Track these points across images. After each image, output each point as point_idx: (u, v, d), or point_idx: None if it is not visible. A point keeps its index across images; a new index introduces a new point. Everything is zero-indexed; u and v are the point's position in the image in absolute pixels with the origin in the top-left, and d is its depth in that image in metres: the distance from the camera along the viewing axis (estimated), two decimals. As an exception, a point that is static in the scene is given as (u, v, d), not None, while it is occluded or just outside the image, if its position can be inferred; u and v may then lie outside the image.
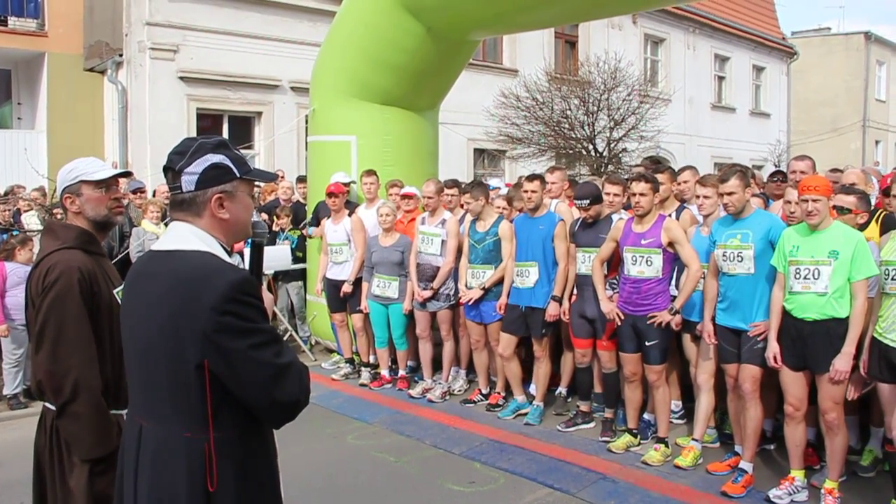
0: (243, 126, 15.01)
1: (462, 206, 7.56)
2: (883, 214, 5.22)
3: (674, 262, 5.39)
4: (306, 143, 12.63)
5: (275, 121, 14.91)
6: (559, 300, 6.18)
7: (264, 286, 2.42)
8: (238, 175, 2.17)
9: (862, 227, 4.98)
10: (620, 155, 14.91)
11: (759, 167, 28.35)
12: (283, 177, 13.09)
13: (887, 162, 36.59)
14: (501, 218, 6.74)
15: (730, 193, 4.92)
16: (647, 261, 5.35)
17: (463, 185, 7.46)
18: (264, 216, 9.91)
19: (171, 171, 2.14)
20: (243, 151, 11.61)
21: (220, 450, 1.99)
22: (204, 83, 13.93)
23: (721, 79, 26.96)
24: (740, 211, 4.97)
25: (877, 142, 35.77)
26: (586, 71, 16.19)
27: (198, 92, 13.94)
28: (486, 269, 6.63)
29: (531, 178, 6.48)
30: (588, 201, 5.87)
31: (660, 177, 5.90)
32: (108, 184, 2.96)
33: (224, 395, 1.99)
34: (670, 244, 5.29)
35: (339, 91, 8.42)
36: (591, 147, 14.65)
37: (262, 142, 14.80)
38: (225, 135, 14.74)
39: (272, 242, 9.09)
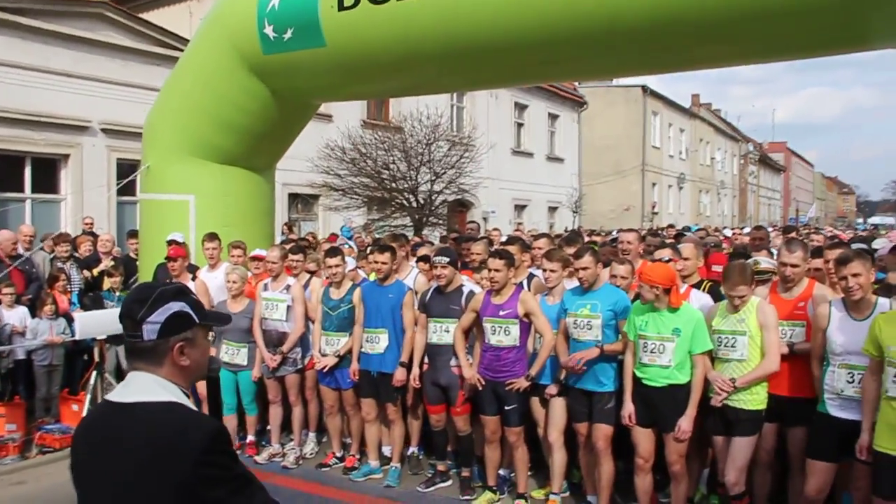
0: (48, 169, 14.03)
1: (308, 271, 7.63)
2: (709, 285, 5.95)
3: (529, 330, 5.83)
4: (117, 192, 12.10)
5: (83, 164, 14.10)
6: (406, 366, 6.42)
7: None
8: (197, 321, 2.20)
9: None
10: (439, 207, 15.53)
11: (555, 208, 30.44)
12: (91, 224, 12.44)
13: (662, 202, 40.45)
14: (356, 286, 6.89)
15: (584, 268, 5.46)
16: (505, 330, 5.75)
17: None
18: (85, 272, 9.40)
19: (131, 319, 2.12)
20: (48, 198, 10.94)
21: None
22: (4, 122, 12.93)
23: (520, 125, 28.76)
24: (592, 283, 5.52)
25: (653, 184, 39.51)
26: (402, 118, 16.75)
27: (-4, 132, 12.90)
28: (340, 336, 6.74)
29: (382, 249, 6.70)
30: (447, 259, 6.18)
31: (510, 248, 6.38)
32: None
33: None
34: (526, 315, 5.73)
35: (176, 148, 8.23)
36: (412, 198, 15.15)
37: (69, 187, 13.92)
38: (27, 179, 13.74)
39: (100, 304, 8.64)
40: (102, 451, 2.06)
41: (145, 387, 2.09)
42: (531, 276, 6.53)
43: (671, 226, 15.42)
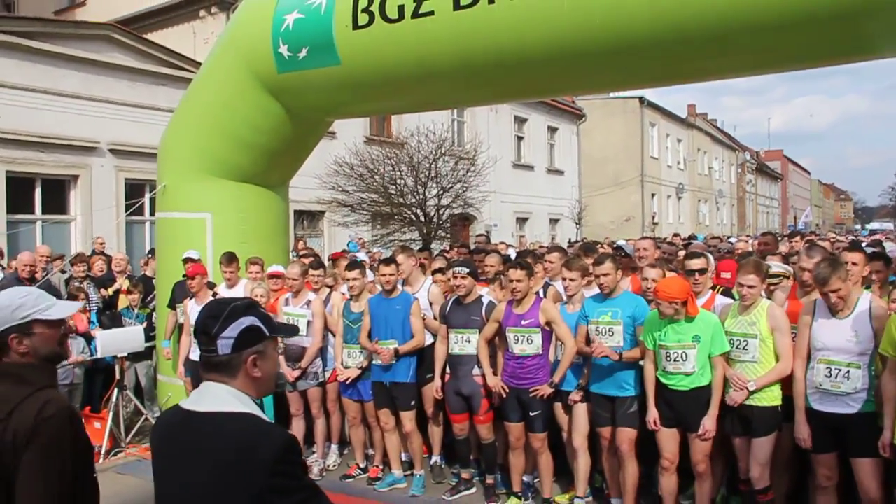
0: (57, 190, 14.18)
1: (328, 286, 7.75)
2: (721, 290, 6.10)
3: (551, 338, 5.95)
4: (126, 209, 12.20)
5: (93, 185, 14.23)
6: (398, 355, 6.52)
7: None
8: (268, 334, 2.28)
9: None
10: (446, 221, 15.70)
11: (556, 220, 30.58)
12: (102, 243, 12.57)
13: (662, 212, 40.60)
14: (377, 298, 7.01)
15: (605, 274, 5.60)
16: (527, 339, 5.87)
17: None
18: (102, 291, 9.51)
19: (206, 335, 2.22)
20: (58, 219, 11.13)
21: None
22: (14, 144, 13.09)
23: (520, 139, 28.93)
24: (612, 290, 5.65)
25: (653, 194, 39.67)
26: (408, 133, 16.93)
27: (7, 153, 13.06)
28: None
29: (386, 261, 6.84)
30: (467, 270, 6.32)
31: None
32: None
33: None
34: (548, 323, 5.85)
35: (193, 167, 8.33)
36: (420, 213, 15.32)
37: (78, 208, 14.03)
38: (37, 200, 13.88)
39: (119, 322, 8.75)
40: (179, 458, 2.17)
41: (220, 397, 2.19)
42: (547, 285, 6.65)
43: (676, 234, 15.54)
